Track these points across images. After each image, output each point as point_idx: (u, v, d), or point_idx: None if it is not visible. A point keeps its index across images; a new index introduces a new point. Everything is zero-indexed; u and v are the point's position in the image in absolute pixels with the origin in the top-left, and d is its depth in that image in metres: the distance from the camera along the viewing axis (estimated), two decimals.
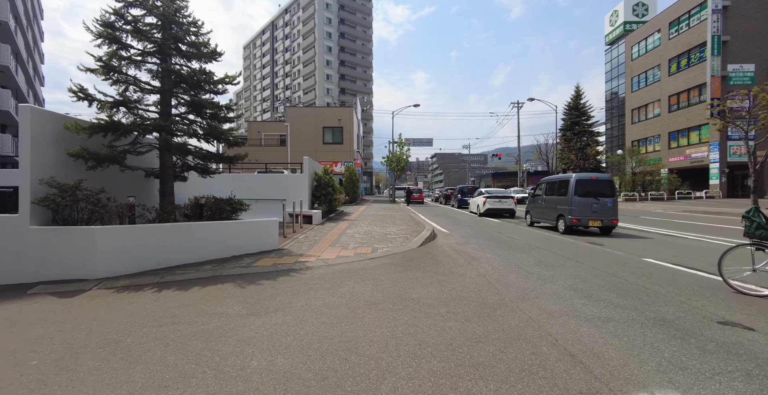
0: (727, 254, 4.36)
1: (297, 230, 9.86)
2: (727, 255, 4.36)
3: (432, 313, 3.53)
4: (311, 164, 12.85)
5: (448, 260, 6.17)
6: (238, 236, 6.52)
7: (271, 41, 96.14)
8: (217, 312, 3.58)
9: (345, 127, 30.26)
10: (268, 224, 6.95)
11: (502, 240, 8.80)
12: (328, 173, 13.30)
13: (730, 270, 4.42)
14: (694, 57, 32.02)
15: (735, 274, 4.40)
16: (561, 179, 11.18)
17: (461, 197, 24.06)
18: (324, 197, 12.74)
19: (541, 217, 11.94)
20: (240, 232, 6.56)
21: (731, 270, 4.42)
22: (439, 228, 11.38)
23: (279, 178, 12.45)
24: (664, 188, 33.20)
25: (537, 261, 6.18)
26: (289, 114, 31.41)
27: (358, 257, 6.24)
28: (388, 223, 11.92)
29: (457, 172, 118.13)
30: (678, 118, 33.66)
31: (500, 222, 13.93)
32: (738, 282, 4.34)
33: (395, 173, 29.76)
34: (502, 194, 17.08)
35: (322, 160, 30.84)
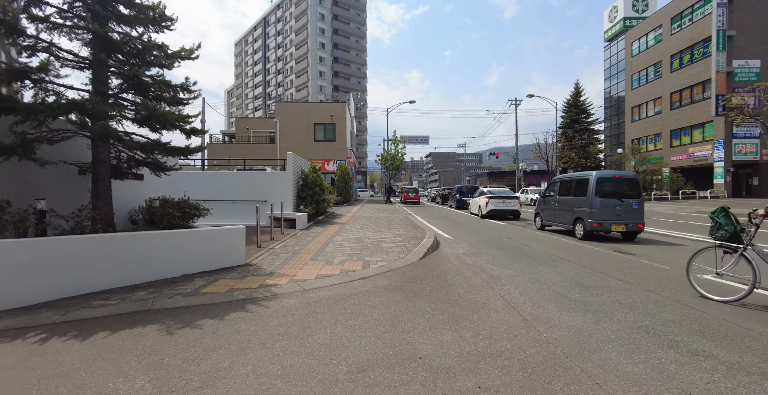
0: (696, 257, 4.26)
1: (277, 236, 8.44)
2: (696, 258, 4.26)
3: (455, 390, 2.17)
4: (296, 161, 11.42)
5: (460, 281, 4.81)
6: (191, 249, 5.10)
7: (263, 38, 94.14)
8: (101, 393, 2.17)
9: (337, 123, 28.81)
10: (232, 233, 5.54)
11: (517, 249, 7.47)
12: (315, 171, 11.89)
13: (699, 275, 4.28)
14: (697, 53, 31.11)
15: (700, 279, 4.26)
16: (578, 178, 9.90)
17: (460, 197, 22.78)
18: (311, 198, 11.33)
19: (553, 220, 10.66)
20: (194, 244, 5.15)
21: (699, 274, 4.29)
22: (441, 233, 10.04)
23: (259, 176, 11.01)
24: (666, 188, 32.29)
25: (571, 280, 4.85)
26: (279, 110, 29.87)
27: (345, 276, 4.86)
28: (383, 227, 10.56)
29: (452, 171, 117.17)
30: (680, 115, 32.77)
31: (506, 225, 12.63)
32: (702, 288, 4.17)
33: (390, 172, 28.39)
34: (506, 194, 15.80)
35: (313, 158, 29.32)
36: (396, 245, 7.44)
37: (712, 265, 4.07)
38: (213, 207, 11.05)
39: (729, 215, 3.94)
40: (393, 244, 7.55)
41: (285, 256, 6.21)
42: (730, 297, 3.88)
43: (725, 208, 4.00)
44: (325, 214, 14.11)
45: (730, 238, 3.90)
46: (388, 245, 7.35)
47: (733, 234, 3.86)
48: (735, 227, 3.86)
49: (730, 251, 3.96)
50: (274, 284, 4.45)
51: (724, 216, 3.95)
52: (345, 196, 23.49)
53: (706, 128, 30.36)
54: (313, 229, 9.97)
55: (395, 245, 7.36)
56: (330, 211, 15.87)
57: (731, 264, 3.92)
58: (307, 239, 8.08)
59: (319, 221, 11.82)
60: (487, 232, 10.58)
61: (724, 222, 3.93)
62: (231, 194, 10.95)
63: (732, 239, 3.90)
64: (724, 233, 3.91)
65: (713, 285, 4.26)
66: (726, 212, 3.96)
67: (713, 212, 4.07)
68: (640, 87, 38.27)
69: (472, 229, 11.35)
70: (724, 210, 3.98)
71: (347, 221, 12.13)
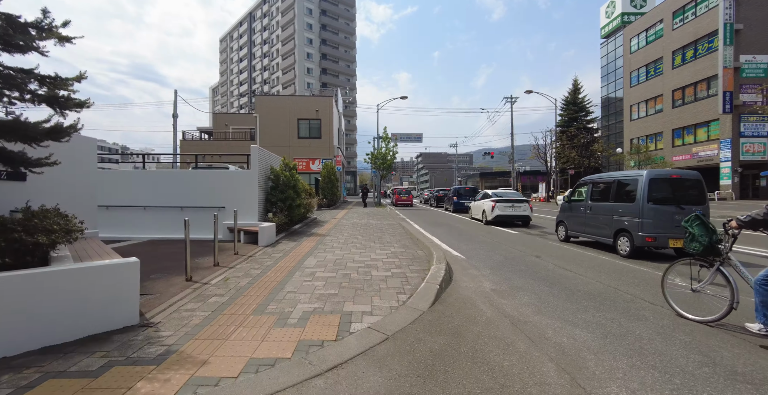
0: (671, 270, 3.82)
1: (226, 259, 6.14)
2: (671, 271, 3.82)
3: None
4: (264, 157, 9.10)
5: (515, 369, 2.62)
6: (36, 304, 2.80)
7: (248, 33, 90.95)
8: None
9: (323, 119, 26.47)
10: (116, 273, 3.25)
11: (562, 279, 5.33)
12: (289, 169, 9.58)
13: (675, 290, 3.81)
14: (701, 48, 29.79)
15: (676, 295, 3.79)
16: (620, 179, 7.85)
17: (457, 200, 20.71)
18: (282, 204, 9.02)
19: (582, 230, 8.59)
20: (40, 294, 2.84)
21: (676, 290, 3.81)
22: (448, 249, 7.87)
23: (216, 177, 8.68)
24: None
25: (710, 363, 2.71)
26: (259, 104, 27.38)
27: (300, 364, 2.60)
28: (374, 240, 8.34)
29: (444, 172, 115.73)
30: (683, 114, 31.43)
31: (520, 235, 10.54)
32: (678, 306, 3.70)
33: (380, 172, 26.18)
34: (515, 197, 13.74)
35: (297, 156, 26.96)
36: (392, 274, 5.22)
37: (689, 279, 3.65)
38: (156, 216, 8.69)
39: (704, 224, 3.47)
40: (387, 272, 5.33)
41: (216, 303, 3.93)
42: (708, 316, 3.47)
43: (700, 216, 3.51)
44: (304, 221, 11.81)
45: (705, 251, 3.43)
46: (381, 275, 5.13)
47: (708, 246, 3.41)
48: (710, 238, 3.41)
49: (706, 265, 3.54)
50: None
51: (699, 225, 3.48)
52: (331, 198, 21.19)
53: (712, 127, 29.02)
54: (282, 245, 7.68)
55: (391, 275, 5.15)
56: (311, 217, 13.58)
57: (708, 279, 3.50)
58: (266, 265, 5.79)
59: (294, 233, 9.52)
60: (504, 246, 8.45)
61: (698, 233, 3.47)
62: (180, 199, 8.59)
63: (707, 252, 3.44)
64: (697, 245, 3.46)
65: (691, 302, 3.81)
66: (701, 220, 3.49)
67: (686, 220, 3.61)
68: (639, 84, 36.93)
69: (483, 241, 9.21)
70: (699, 218, 3.50)
71: (329, 232, 9.87)
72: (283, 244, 7.77)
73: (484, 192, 15.15)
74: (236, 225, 6.71)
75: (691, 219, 3.57)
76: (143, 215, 8.50)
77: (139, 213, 8.52)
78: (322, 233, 9.65)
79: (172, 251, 6.91)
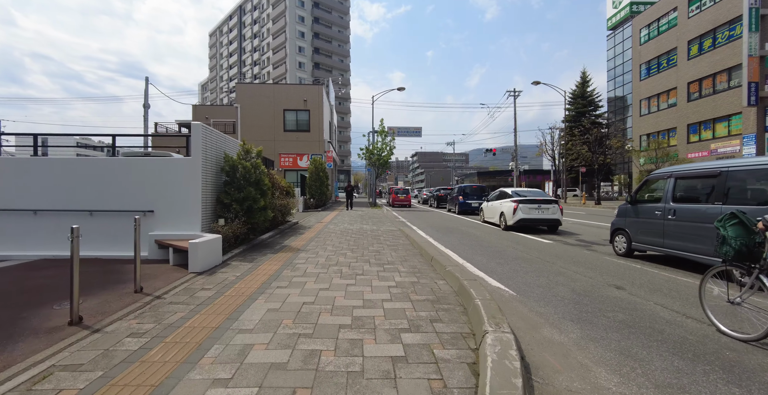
0: (708, 277, 3.20)
1: (114, 302, 3.54)
2: (708, 279, 3.20)
3: None
4: (211, 140, 6.46)
5: None
6: None
7: (238, 27, 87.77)
8: None
9: (312, 110, 23.81)
10: None
11: (694, 339, 2.80)
12: (251, 157, 6.94)
13: (713, 303, 3.20)
14: (721, 36, 27.68)
15: (716, 307, 3.19)
16: (738, 169, 5.37)
17: (463, 200, 18.23)
18: (238, 206, 6.40)
19: (660, 243, 6.10)
20: None
21: (713, 302, 3.20)
22: (478, 273, 5.33)
23: (142, 168, 6.04)
24: None
25: None
26: (241, 93, 24.65)
27: None
28: (369, 259, 5.79)
29: (439, 171, 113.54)
30: (700, 107, 29.31)
31: (558, 246, 8.05)
32: (718, 319, 3.09)
33: (376, 169, 23.60)
34: (541, 196, 11.27)
35: (283, 151, 24.30)
36: (405, 351, 2.65)
37: (726, 289, 3.04)
38: (53, 224, 6.01)
39: (742, 224, 2.79)
40: (395, 343, 2.76)
41: None
42: (750, 334, 2.81)
43: (737, 214, 2.84)
44: (279, 228, 9.19)
45: (739, 255, 2.76)
46: (383, 355, 2.56)
47: (741, 251, 2.73)
48: (745, 240, 2.72)
49: (744, 272, 2.87)
50: None
51: (735, 225, 2.81)
52: (319, 198, 18.55)
53: (733, 121, 26.90)
54: (228, 269, 5.08)
55: (403, 355, 2.58)
56: (290, 222, 10.97)
57: (747, 290, 2.84)
58: (179, 316, 3.20)
59: (258, 246, 6.91)
60: (551, 265, 5.94)
61: (731, 234, 2.80)
62: (90, 200, 5.94)
63: (742, 257, 2.77)
64: (729, 249, 2.81)
65: (734, 315, 3.21)
66: (738, 219, 2.81)
67: (719, 219, 2.93)
68: (650, 77, 34.84)
69: (518, 257, 6.69)
70: (735, 217, 2.83)
71: (308, 244, 7.28)
72: (230, 268, 5.17)
73: (501, 191, 12.65)
74: (140, 242, 4.09)
75: (725, 219, 2.89)
76: (33, 223, 5.84)
77: (27, 220, 5.86)
78: (298, 246, 7.05)
79: (55, 282, 4.32)
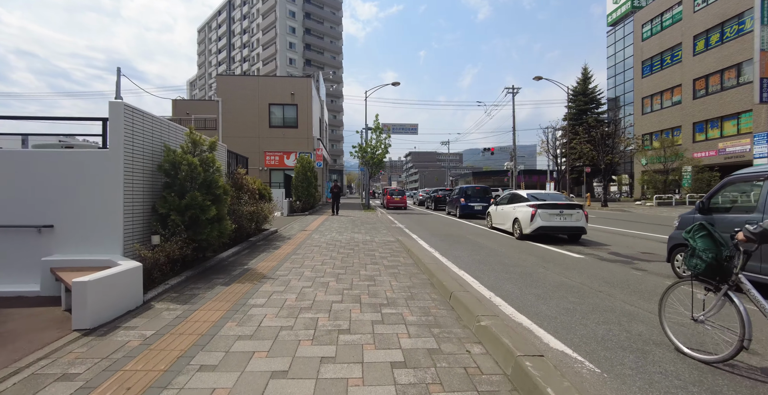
0: (669, 293, 2.99)
1: None
2: (669, 294, 2.99)
3: None
4: (141, 124, 4.68)
5: None
6: None
7: (228, 23, 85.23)
8: None
9: (300, 104, 22.00)
10: None
11: None
12: (201, 151, 5.16)
13: (675, 319, 3.02)
14: (729, 30, 26.55)
15: (677, 325, 3.08)
16: None
17: (465, 203, 16.61)
18: (178, 217, 4.61)
19: (757, 268, 4.46)
20: None
21: (675, 318, 3.02)
22: (517, 317, 3.64)
23: (35, 163, 4.26)
24: (686, 189, 27.64)
25: None
26: (222, 86, 22.74)
27: None
28: (361, 297, 4.08)
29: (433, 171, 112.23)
30: (707, 105, 28.16)
31: (598, 263, 6.41)
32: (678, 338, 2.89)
33: (369, 169, 21.89)
34: (562, 200, 9.68)
35: (269, 149, 22.43)
36: None
37: (694, 305, 2.80)
38: None
39: (710, 236, 2.60)
40: None
41: None
42: (713, 355, 2.64)
43: (705, 225, 2.67)
44: (249, 241, 7.42)
45: (710, 269, 2.56)
46: None
47: (711, 265, 2.54)
48: (716, 254, 2.53)
49: (711, 288, 2.66)
50: None
51: (703, 237, 2.61)
52: (307, 201, 16.76)
53: (743, 119, 25.74)
54: (147, 319, 3.34)
55: None
56: (267, 230, 9.20)
57: (713, 307, 2.64)
58: None
59: (208, 271, 5.16)
60: (614, 301, 4.28)
61: (701, 246, 2.60)
62: None
63: (712, 272, 2.56)
64: (699, 262, 2.60)
65: (695, 335, 3.07)
66: (707, 230, 2.64)
67: (688, 230, 2.74)
68: (652, 74, 33.67)
69: (562, 285, 5.03)
70: (704, 228, 2.66)
71: (279, 268, 5.54)
72: (147, 318, 3.40)
73: (513, 193, 11.03)
74: None
75: (693, 229, 2.71)
76: None
77: None
78: (266, 269, 5.31)
79: None
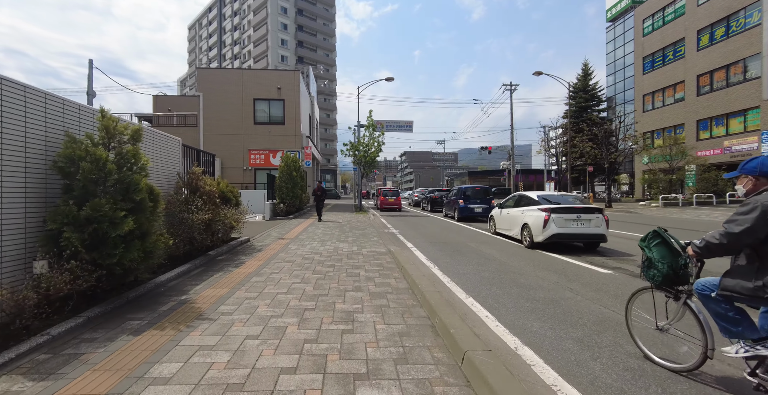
0: (635, 299, 2.92)
1: None
2: (635, 300, 2.92)
3: None
4: (18, 100, 3.32)
5: None
6: None
7: (218, 19, 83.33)
8: None
9: (287, 99, 20.59)
10: None
11: None
12: (113, 143, 3.76)
13: (642, 326, 2.94)
14: (735, 24, 25.60)
15: (644, 332, 2.98)
16: None
17: (464, 205, 15.34)
18: (74, 234, 3.21)
19: None
20: None
21: (642, 326, 2.94)
22: None
23: None
24: (690, 189, 26.69)
25: None
26: (203, 80, 21.26)
27: None
28: (328, 358, 2.78)
29: (429, 171, 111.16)
30: (712, 102, 27.21)
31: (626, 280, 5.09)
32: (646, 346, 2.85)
33: (362, 168, 20.55)
34: (577, 204, 8.43)
35: (253, 147, 20.97)
36: None
37: (660, 313, 2.72)
38: None
39: (666, 244, 2.50)
40: None
41: None
42: (681, 364, 2.57)
43: (660, 232, 2.55)
44: (207, 255, 6.06)
45: (667, 279, 2.48)
46: None
47: (668, 275, 2.45)
48: (671, 262, 2.43)
49: (671, 297, 2.60)
50: None
51: (659, 246, 2.52)
52: (291, 203, 15.37)
53: (750, 116, 24.80)
54: None
55: None
56: (237, 239, 7.83)
57: (675, 316, 2.60)
58: None
59: (127, 307, 3.80)
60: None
61: (656, 256, 2.51)
62: None
63: (669, 281, 2.49)
64: (656, 273, 2.52)
65: (661, 343, 2.99)
66: (661, 238, 2.54)
67: (643, 238, 2.66)
68: (654, 71, 32.74)
69: (605, 320, 3.74)
70: (659, 236, 2.56)
71: (225, 301, 4.20)
72: None
73: (521, 195, 9.75)
74: None
75: (648, 238, 2.62)
76: None
77: None
78: (205, 304, 3.94)
79: None
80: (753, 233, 2.04)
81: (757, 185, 2.23)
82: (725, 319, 2.26)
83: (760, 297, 2.04)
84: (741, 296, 2.14)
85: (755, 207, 2.07)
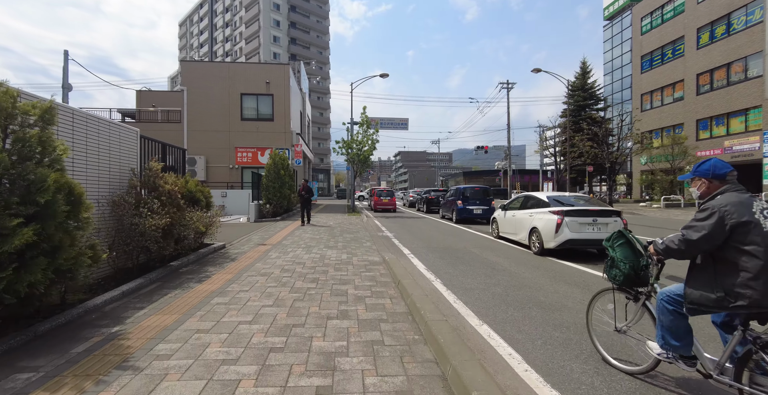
0: (596, 301, 2.91)
1: None
2: (596, 302, 2.91)
3: None
4: None
5: None
6: None
7: (210, 16, 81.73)
8: None
9: (276, 94, 19.58)
10: None
11: None
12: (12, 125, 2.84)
13: (602, 328, 2.90)
14: (737, 22, 25.14)
15: (603, 334, 2.93)
16: None
17: (463, 206, 14.49)
18: None
19: None
20: None
21: (601, 328, 2.90)
22: None
23: None
24: (688, 190, 26.29)
25: None
26: (187, 73, 20.15)
27: None
28: None
29: (423, 171, 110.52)
30: (712, 101, 26.75)
31: None
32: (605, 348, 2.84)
33: (355, 167, 19.62)
34: (593, 206, 7.61)
35: (240, 145, 19.94)
36: None
37: (619, 315, 2.71)
38: None
39: (629, 245, 2.52)
40: None
41: None
42: (636, 366, 2.60)
43: (624, 233, 2.59)
44: (169, 266, 5.10)
45: (628, 280, 2.48)
46: None
47: (629, 275, 2.46)
48: (633, 262, 2.45)
49: (631, 298, 2.61)
50: None
51: (622, 246, 2.53)
52: (278, 204, 14.37)
53: (751, 115, 24.35)
54: None
55: None
56: (211, 246, 6.86)
57: (634, 317, 2.60)
58: None
59: (25, 349, 2.86)
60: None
61: (619, 256, 2.52)
62: None
63: (630, 282, 2.50)
64: (618, 273, 2.52)
65: (619, 345, 2.96)
66: (625, 238, 2.55)
67: (608, 238, 2.66)
68: (652, 70, 32.28)
69: None
70: (623, 236, 2.58)
71: (172, 330, 3.26)
72: None
73: (528, 196, 8.90)
74: None
75: (612, 238, 2.63)
76: None
77: None
78: (139, 342, 3.01)
79: None
80: (711, 239, 1.99)
81: (711, 188, 2.19)
82: (672, 333, 2.25)
83: (725, 307, 1.98)
84: (708, 308, 2.05)
85: (713, 213, 2.00)
